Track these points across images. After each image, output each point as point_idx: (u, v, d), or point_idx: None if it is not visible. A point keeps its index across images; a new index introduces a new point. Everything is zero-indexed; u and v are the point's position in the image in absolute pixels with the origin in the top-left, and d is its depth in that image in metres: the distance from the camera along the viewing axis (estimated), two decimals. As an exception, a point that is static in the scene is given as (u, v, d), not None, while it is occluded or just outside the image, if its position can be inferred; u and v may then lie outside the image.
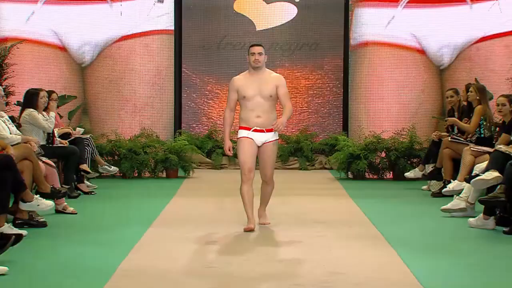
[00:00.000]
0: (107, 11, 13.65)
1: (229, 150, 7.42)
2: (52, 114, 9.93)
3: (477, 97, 10.20)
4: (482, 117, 9.98)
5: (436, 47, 13.72)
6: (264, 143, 7.32)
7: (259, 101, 7.24)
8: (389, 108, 13.55)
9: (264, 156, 7.38)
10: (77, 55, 13.81)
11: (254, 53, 7.29)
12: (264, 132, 7.29)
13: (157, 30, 13.83)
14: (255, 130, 7.27)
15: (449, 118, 10.74)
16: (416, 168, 11.23)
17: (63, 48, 13.74)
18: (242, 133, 7.33)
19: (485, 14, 13.53)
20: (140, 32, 13.76)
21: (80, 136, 10.85)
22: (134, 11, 13.75)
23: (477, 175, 8.23)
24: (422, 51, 13.72)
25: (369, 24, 13.67)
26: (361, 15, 13.72)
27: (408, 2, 13.56)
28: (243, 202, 7.29)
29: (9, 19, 13.53)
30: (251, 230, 7.20)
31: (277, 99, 7.34)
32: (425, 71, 13.72)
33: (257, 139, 7.28)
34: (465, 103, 10.59)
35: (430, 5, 13.60)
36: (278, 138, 7.46)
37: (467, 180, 8.62)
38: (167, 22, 13.89)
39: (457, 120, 10.49)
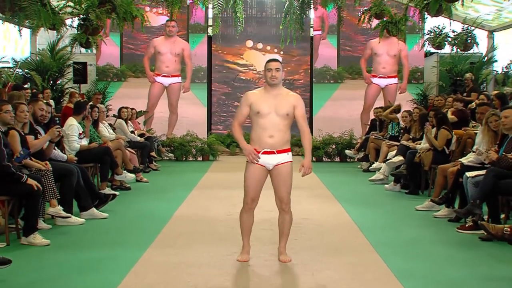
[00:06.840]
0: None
1: (254, 153, 4.15)
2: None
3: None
4: (394, 123, 9.79)
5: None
6: (276, 165, 4.21)
7: (274, 119, 4.15)
8: (338, 117, 13.25)
9: (278, 180, 4.27)
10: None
11: (271, 69, 4.26)
12: (275, 153, 4.17)
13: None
14: (265, 153, 4.15)
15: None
16: (352, 151, 11.19)
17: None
18: None
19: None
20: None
21: (150, 135, 10.83)
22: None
23: (390, 159, 8.34)
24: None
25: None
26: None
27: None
28: (240, 229, 4.36)
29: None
30: (245, 261, 4.29)
31: (293, 119, 4.24)
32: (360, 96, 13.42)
33: (267, 162, 4.18)
34: (388, 119, 10.03)
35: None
36: (292, 160, 4.29)
37: (385, 161, 8.68)
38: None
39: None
